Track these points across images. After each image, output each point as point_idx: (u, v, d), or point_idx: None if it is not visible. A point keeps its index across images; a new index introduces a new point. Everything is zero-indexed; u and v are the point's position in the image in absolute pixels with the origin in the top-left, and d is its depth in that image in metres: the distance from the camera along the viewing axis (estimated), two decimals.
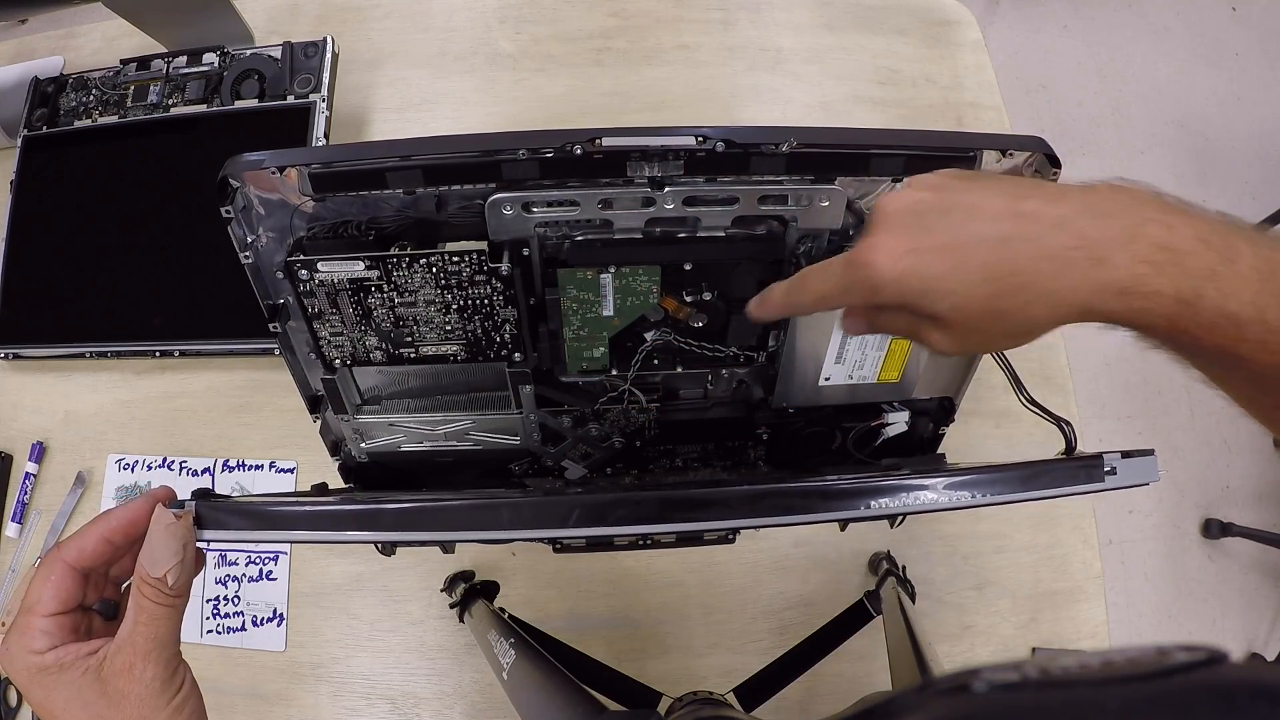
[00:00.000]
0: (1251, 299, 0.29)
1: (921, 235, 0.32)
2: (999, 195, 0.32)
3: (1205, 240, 0.29)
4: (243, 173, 0.39)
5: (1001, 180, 0.33)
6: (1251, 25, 2.03)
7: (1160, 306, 0.29)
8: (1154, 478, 0.39)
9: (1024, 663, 0.19)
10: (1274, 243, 0.30)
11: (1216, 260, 0.29)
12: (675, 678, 0.74)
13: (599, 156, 0.38)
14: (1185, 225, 0.29)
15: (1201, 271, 0.29)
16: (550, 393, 0.50)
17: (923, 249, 0.32)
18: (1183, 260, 0.29)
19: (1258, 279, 0.29)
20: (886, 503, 0.37)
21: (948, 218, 0.32)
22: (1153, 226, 0.29)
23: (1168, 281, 0.29)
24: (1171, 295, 0.29)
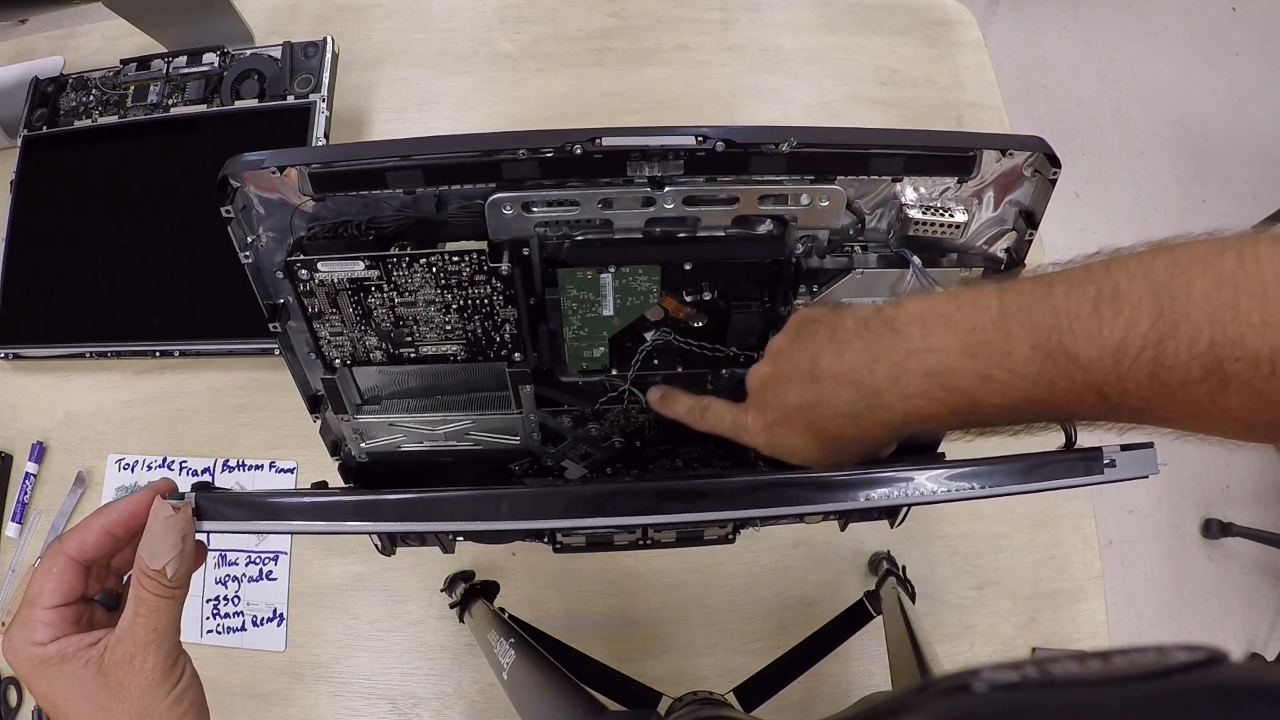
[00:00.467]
0: (1035, 377, 0.31)
1: (768, 411, 0.39)
2: (805, 358, 0.37)
3: (971, 352, 0.32)
4: (243, 172, 0.39)
5: (813, 338, 0.37)
6: (1251, 25, 2.03)
7: (947, 421, 0.34)
8: (1153, 470, 0.39)
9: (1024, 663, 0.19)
10: (1043, 288, 0.32)
11: (986, 366, 0.32)
12: (675, 678, 0.74)
13: (599, 156, 0.38)
14: (951, 340, 0.32)
15: (970, 384, 0.32)
16: (550, 393, 0.50)
17: (770, 424, 0.39)
18: (950, 380, 0.32)
19: (1039, 355, 0.31)
20: (886, 494, 0.37)
21: (779, 390, 0.38)
22: (916, 359, 0.33)
23: (939, 404, 0.33)
24: (950, 411, 0.33)
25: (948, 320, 0.33)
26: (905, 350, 0.33)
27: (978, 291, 0.33)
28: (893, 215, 0.43)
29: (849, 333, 0.36)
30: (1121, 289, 0.30)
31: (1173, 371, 0.30)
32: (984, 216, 0.43)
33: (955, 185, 0.42)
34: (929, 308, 0.34)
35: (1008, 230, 0.43)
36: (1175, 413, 0.31)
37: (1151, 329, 0.29)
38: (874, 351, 0.34)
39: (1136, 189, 1.89)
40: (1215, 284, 0.29)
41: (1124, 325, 0.30)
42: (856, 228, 0.44)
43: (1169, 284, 0.29)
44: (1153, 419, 0.33)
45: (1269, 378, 0.28)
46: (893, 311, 0.35)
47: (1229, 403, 0.29)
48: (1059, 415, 0.34)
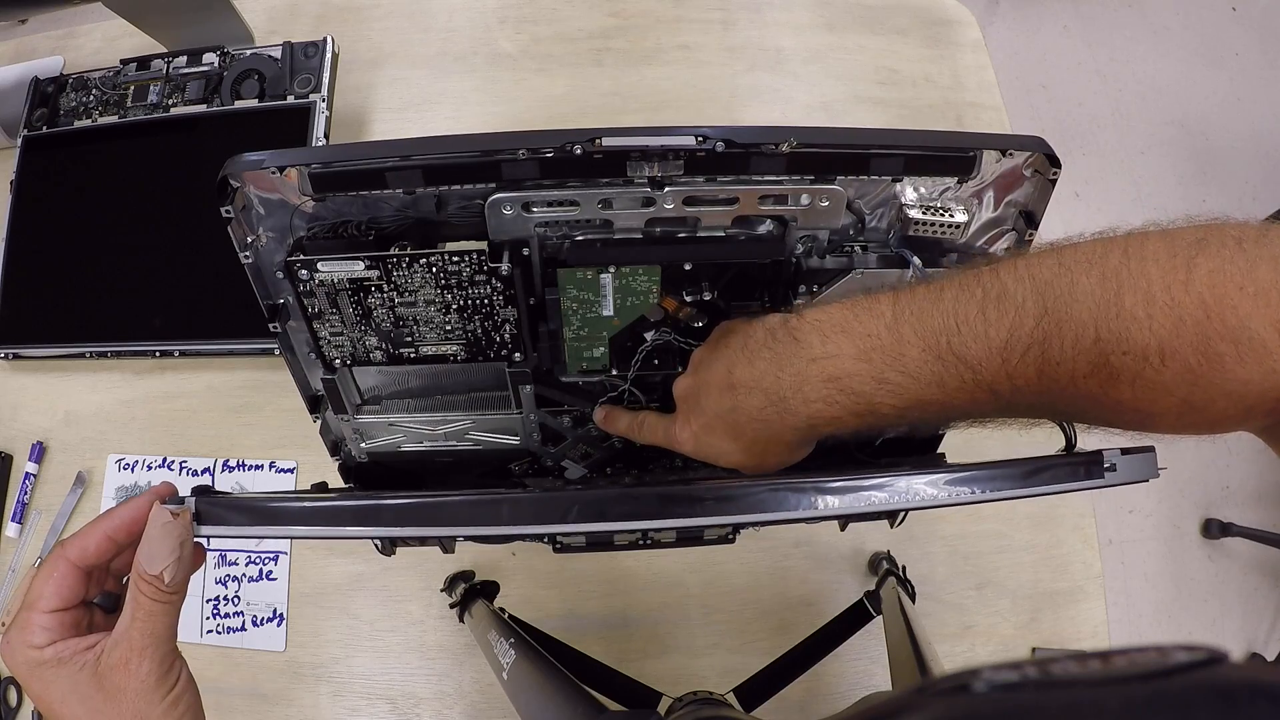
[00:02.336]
0: (928, 379, 0.33)
1: (694, 418, 0.41)
2: (722, 368, 0.39)
3: (866, 357, 0.34)
4: (243, 173, 0.39)
5: (728, 348, 0.39)
6: (1251, 25, 2.03)
7: (848, 423, 0.35)
8: (1154, 474, 0.39)
9: (1024, 663, 0.19)
10: (934, 293, 0.33)
11: (880, 370, 0.33)
12: (675, 678, 0.74)
13: (599, 156, 0.38)
14: (848, 346, 0.34)
15: (867, 388, 0.34)
16: (550, 393, 0.50)
17: (697, 430, 0.41)
18: (848, 385, 0.34)
19: (930, 358, 0.32)
20: (886, 498, 0.37)
21: (701, 399, 0.40)
22: (816, 366, 0.35)
23: (840, 407, 0.35)
24: (850, 414, 0.35)
25: (844, 327, 0.35)
26: (807, 358, 0.35)
27: (874, 299, 0.35)
28: (893, 215, 0.43)
29: (758, 343, 0.38)
30: (1008, 290, 0.31)
31: (1060, 368, 0.30)
32: (984, 216, 0.43)
33: (955, 185, 0.42)
34: (828, 316, 0.36)
35: (1008, 230, 0.43)
36: (1070, 407, 0.33)
37: (1036, 327, 0.30)
38: (779, 360, 0.36)
39: (1136, 189, 1.89)
40: (1099, 281, 0.29)
41: (1009, 325, 0.31)
42: (856, 228, 0.44)
43: (1053, 283, 0.30)
44: (1049, 414, 0.34)
45: (1160, 369, 0.29)
46: (796, 321, 0.37)
47: (1122, 395, 0.30)
48: (956, 415, 0.35)
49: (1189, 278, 0.28)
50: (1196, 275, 0.28)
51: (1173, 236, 0.30)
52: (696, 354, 0.43)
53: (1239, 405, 0.29)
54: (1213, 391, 0.29)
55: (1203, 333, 0.28)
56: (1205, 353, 0.28)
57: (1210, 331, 0.28)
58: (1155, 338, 0.29)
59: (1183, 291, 0.28)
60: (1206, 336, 0.28)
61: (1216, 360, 0.28)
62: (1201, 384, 0.29)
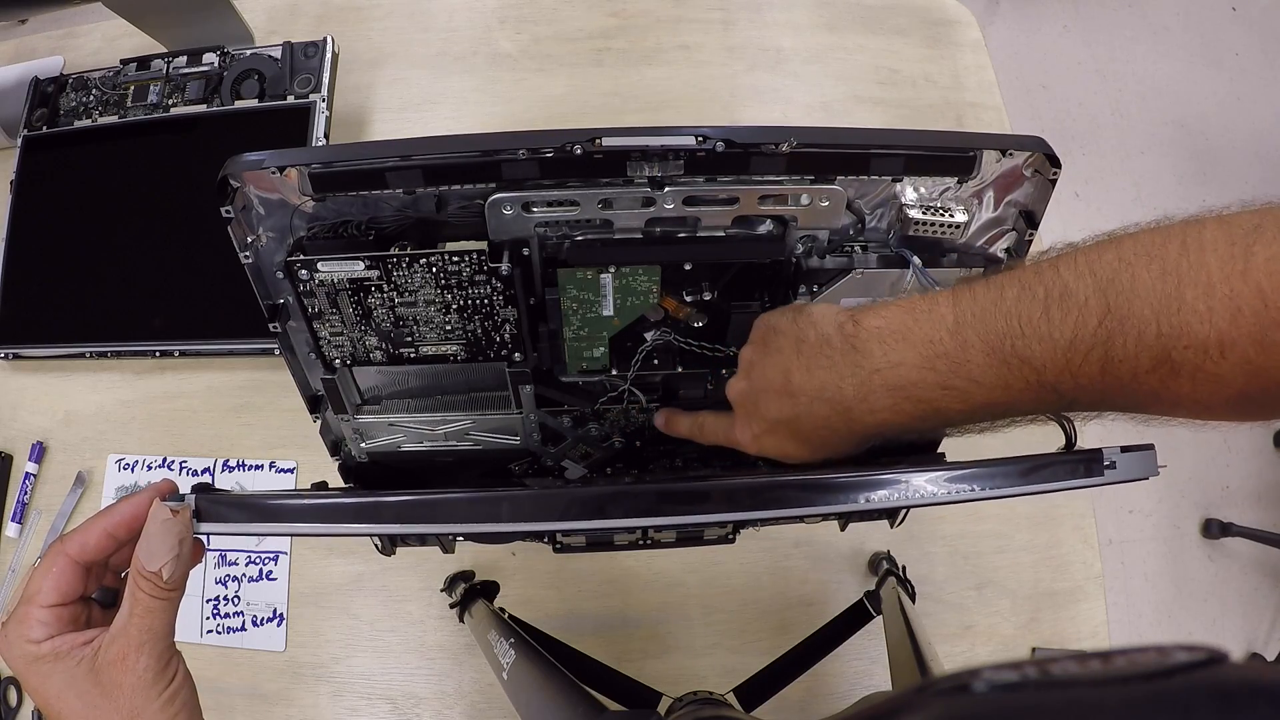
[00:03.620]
0: (992, 382, 0.33)
1: (754, 423, 0.41)
2: (778, 373, 0.39)
3: (930, 365, 0.34)
4: (243, 173, 0.39)
5: (780, 353, 0.39)
6: (1251, 25, 2.03)
7: (915, 427, 0.36)
8: (1153, 472, 0.39)
9: (1024, 663, 0.19)
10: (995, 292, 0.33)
11: (945, 377, 0.33)
12: (675, 678, 0.74)
13: (599, 156, 0.38)
14: (910, 355, 0.34)
15: (932, 395, 0.34)
16: (550, 393, 0.50)
17: (759, 435, 0.41)
18: (913, 393, 0.34)
19: (995, 362, 0.32)
20: (886, 495, 0.37)
21: (759, 404, 0.41)
22: (880, 376, 0.35)
23: (906, 415, 0.35)
24: (916, 419, 0.35)
25: (905, 335, 0.34)
26: (869, 368, 0.35)
27: (933, 301, 0.35)
28: (893, 215, 0.43)
29: (814, 349, 0.37)
30: (1070, 288, 0.31)
31: (1123, 365, 0.30)
32: (984, 216, 0.43)
33: (955, 185, 0.42)
34: (886, 323, 0.35)
35: (1008, 230, 0.43)
36: (1130, 401, 0.33)
37: (1100, 326, 0.30)
38: (840, 370, 0.36)
39: (1136, 189, 1.89)
40: (1159, 275, 0.29)
41: (1073, 325, 0.31)
42: (856, 228, 0.44)
43: (1115, 279, 0.30)
44: (1110, 408, 0.34)
45: (1219, 361, 0.29)
46: (853, 328, 0.36)
47: (1182, 388, 0.30)
48: (1019, 413, 0.36)
49: (1247, 267, 0.28)
50: (1254, 264, 0.28)
51: (1229, 223, 0.29)
52: (745, 354, 0.42)
53: None
54: (1268, 381, 0.29)
55: (1260, 323, 0.28)
56: (1262, 343, 0.28)
57: (1267, 321, 0.28)
58: (1215, 330, 0.28)
59: (1240, 281, 0.28)
60: (1263, 326, 0.28)
61: (1273, 350, 0.28)
62: (1259, 375, 0.29)
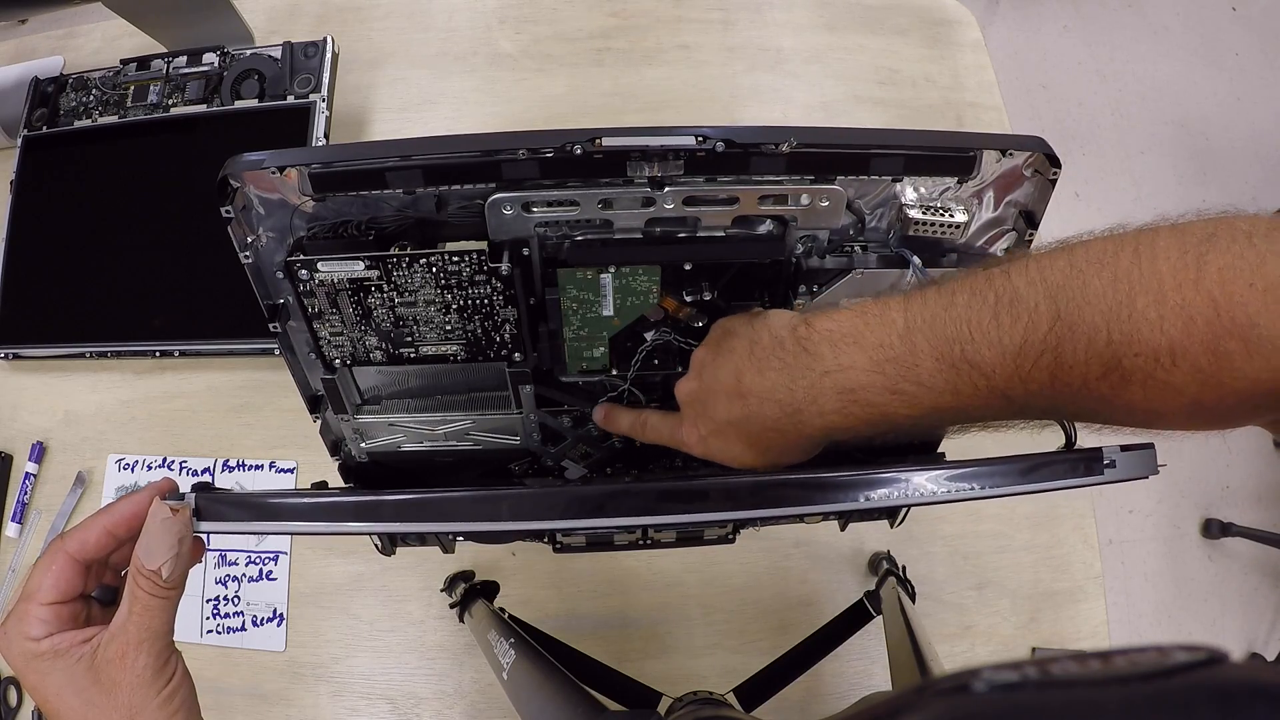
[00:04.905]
0: (942, 387, 0.33)
1: (701, 424, 0.41)
2: (729, 374, 0.38)
3: (879, 368, 0.33)
4: (243, 172, 0.39)
5: (733, 353, 0.39)
6: (1251, 25, 2.03)
7: (862, 431, 0.35)
8: (1153, 471, 0.39)
9: (1024, 663, 0.19)
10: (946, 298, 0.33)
11: (894, 381, 0.33)
12: (675, 678, 0.74)
13: (599, 156, 0.38)
14: (861, 358, 0.34)
15: (881, 399, 0.34)
16: (550, 393, 0.50)
17: (706, 435, 0.41)
18: (862, 397, 0.34)
19: (944, 367, 0.32)
20: (886, 494, 0.37)
21: (708, 405, 0.40)
22: (830, 379, 0.35)
23: (855, 418, 0.35)
24: (864, 423, 0.35)
25: (856, 338, 0.34)
26: (819, 370, 0.35)
27: (885, 306, 0.34)
28: (893, 215, 0.43)
29: (766, 351, 0.37)
30: (1020, 294, 0.31)
31: (1073, 371, 0.30)
32: (984, 216, 0.43)
33: (955, 185, 0.42)
34: (838, 326, 0.35)
35: (1008, 230, 0.43)
36: (1081, 409, 0.32)
37: (1050, 332, 0.30)
38: (791, 371, 0.36)
39: (1136, 189, 1.89)
40: (1111, 282, 0.29)
41: (1023, 331, 0.31)
42: (856, 228, 0.44)
43: (1066, 285, 0.30)
44: (1061, 416, 0.34)
45: (1171, 369, 0.29)
46: (805, 330, 0.36)
47: (1133, 396, 0.30)
48: (968, 418, 0.35)
49: (1199, 275, 0.28)
50: (1207, 273, 0.28)
51: (1183, 232, 0.29)
52: (697, 355, 0.42)
53: (1248, 402, 0.29)
54: (1222, 390, 0.29)
55: (1213, 331, 0.28)
56: (1215, 351, 0.28)
57: (1220, 330, 0.28)
58: (1166, 338, 0.28)
59: (1193, 290, 0.28)
60: (1216, 335, 0.28)
61: (1225, 359, 0.28)
62: (1211, 383, 0.29)
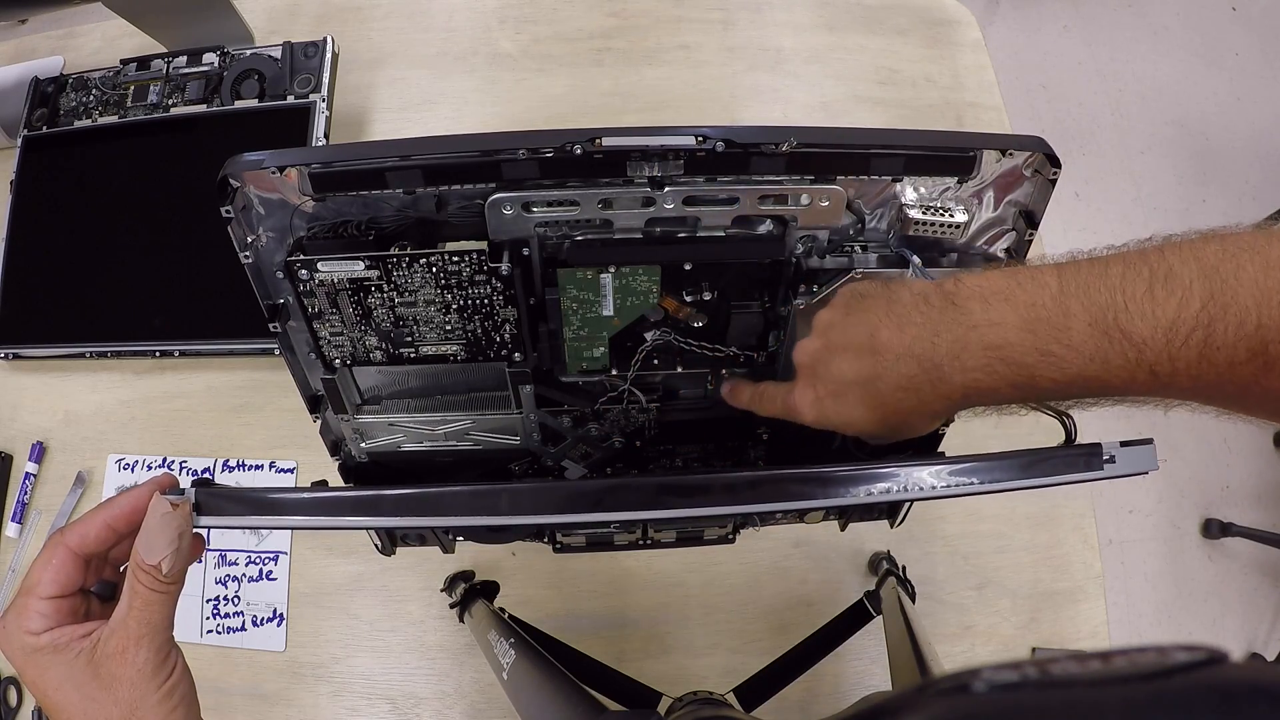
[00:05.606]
0: (1091, 354, 0.32)
1: (819, 385, 0.39)
2: (862, 331, 0.37)
3: (1031, 327, 0.33)
4: (243, 172, 0.39)
5: (868, 311, 0.37)
6: (1251, 25, 2.03)
7: (1005, 395, 0.35)
8: (1153, 466, 0.39)
9: (1024, 663, 0.19)
10: (1100, 268, 0.33)
11: (1044, 341, 0.33)
12: (675, 678, 0.74)
13: (599, 156, 0.38)
14: (1011, 315, 0.33)
15: (1029, 359, 0.33)
16: (550, 393, 0.50)
17: (823, 397, 0.39)
18: (1009, 355, 0.33)
19: (1096, 333, 0.32)
20: (886, 488, 0.37)
21: (833, 364, 0.39)
22: (977, 334, 0.34)
23: (999, 377, 0.34)
24: (1008, 384, 0.34)
25: (1007, 296, 0.34)
26: (967, 325, 0.34)
27: (1037, 269, 0.34)
28: (893, 215, 0.43)
29: (907, 306, 0.36)
30: (1175, 271, 0.31)
31: (1221, 352, 0.30)
32: (984, 216, 0.43)
33: (955, 185, 0.42)
34: (989, 283, 0.34)
35: (1008, 230, 0.43)
36: (1222, 391, 0.32)
37: (1202, 310, 0.30)
38: (935, 326, 0.35)
39: (1136, 189, 1.89)
40: (1263, 269, 0.30)
41: (1176, 306, 0.31)
42: (856, 228, 0.44)
43: (1219, 267, 0.30)
44: (1199, 397, 0.34)
45: None
46: (953, 286, 0.35)
47: (1273, 383, 0.30)
48: (1111, 392, 0.35)
49: None
50: None
51: None
52: (822, 316, 0.40)
53: None
54: None
55: None
56: None
57: None
58: None
59: None
60: None
61: None
62: None
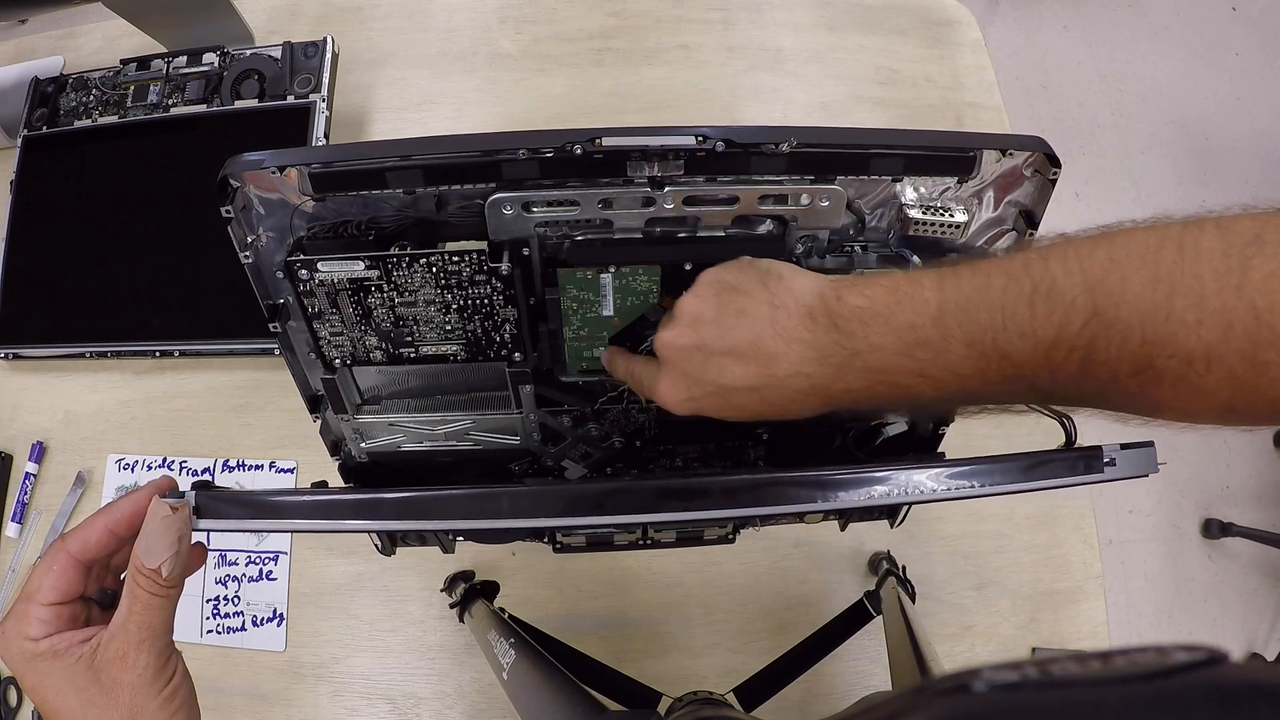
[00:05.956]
0: (969, 372, 0.33)
1: (695, 386, 0.39)
2: (743, 338, 0.37)
3: (909, 352, 0.33)
4: (243, 172, 0.39)
5: (750, 317, 0.37)
6: (1251, 25, 2.03)
7: (885, 406, 0.37)
8: (1153, 469, 0.39)
9: (1024, 663, 0.19)
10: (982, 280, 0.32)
11: (923, 365, 0.33)
12: (675, 678, 0.74)
13: (599, 156, 0.38)
14: (891, 340, 0.34)
15: (908, 381, 0.34)
16: (550, 393, 0.50)
17: (699, 396, 0.39)
18: (890, 378, 0.34)
19: (974, 354, 0.32)
20: (888, 491, 0.37)
21: (710, 365, 0.38)
22: (860, 359, 0.34)
23: (880, 396, 0.35)
24: (886, 402, 0.35)
25: (887, 317, 0.34)
26: (850, 350, 0.35)
27: (918, 283, 0.34)
28: (893, 215, 0.43)
29: (794, 320, 0.36)
30: (1058, 285, 0.30)
31: (1104, 367, 0.30)
32: (984, 216, 0.43)
33: (955, 185, 0.42)
34: (870, 303, 0.34)
35: (1008, 230, 0.43)
36: (1108, 402, 0.32)
37: (1084, 328, 0.30)
38: (820, 348, 0.35)
39: (1136, 189, 1.89)
40: (1150, 281, 0.29)
41: (1057, 324, 0.30)
42: (856, 228, 0.44)
43: (1104, 280, 0.30)
44: (1086, 405, 0.34)
45: (1204, 374, 0.29)
46: (835, 303, 0.35)
47: (1164, 395, 0.30)
48: (992, 401, 0.36)
49: (1243, 281, 0.28)
50: (1251, 279, 0.27)
51: (1229, 231, 0.29)
52: (689, 305, 0.39)
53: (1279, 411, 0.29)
54: (1257, 397, 0.29)
55: (1251, 340, 0.27)
56: (1252, 360, 0.28)
57: (1260, 340, 0.27)
58: (1202, 343, 0.28)
59: (1234, 296, 0.28)
60: (1255, 344, 0.27)
61: (1263, 368, 0.28)
62: (1246, 390, 0.28)
